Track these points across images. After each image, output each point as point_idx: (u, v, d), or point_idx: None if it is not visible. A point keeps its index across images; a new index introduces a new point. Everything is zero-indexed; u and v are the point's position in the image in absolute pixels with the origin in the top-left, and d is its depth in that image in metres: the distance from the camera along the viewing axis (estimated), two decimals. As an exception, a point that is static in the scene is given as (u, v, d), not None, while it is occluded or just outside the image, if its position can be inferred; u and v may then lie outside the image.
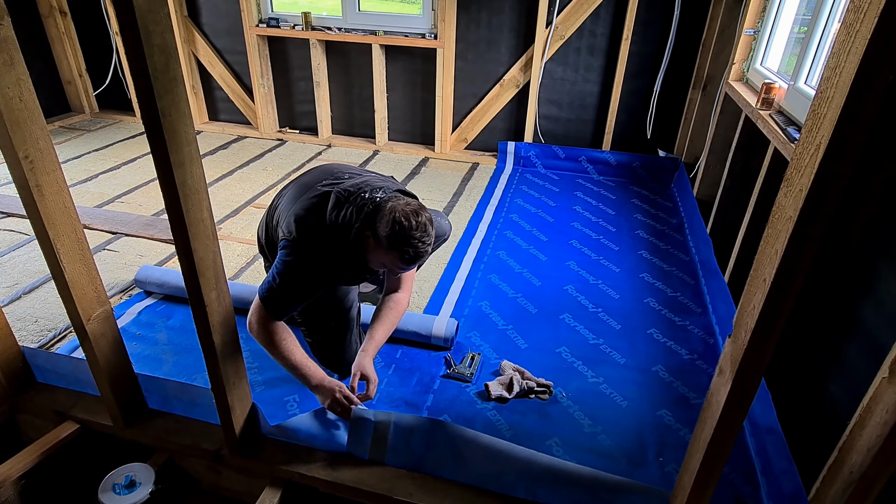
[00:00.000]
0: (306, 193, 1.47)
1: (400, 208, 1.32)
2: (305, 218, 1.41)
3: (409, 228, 1.29)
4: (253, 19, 3.66)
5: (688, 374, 1.81)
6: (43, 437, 1.41)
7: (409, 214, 1.30)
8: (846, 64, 0.66)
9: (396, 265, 1.36)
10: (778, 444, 1.43)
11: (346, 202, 1.40)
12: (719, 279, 2.18)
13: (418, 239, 1.30)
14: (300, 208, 1.43)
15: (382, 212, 1.33)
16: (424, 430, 1.28)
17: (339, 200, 1.41)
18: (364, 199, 1.38)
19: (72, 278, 1.16)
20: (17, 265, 2.32)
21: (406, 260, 1.33)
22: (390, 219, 1.30)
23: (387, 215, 1.31)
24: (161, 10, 0.80)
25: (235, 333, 1.16)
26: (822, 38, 1.93)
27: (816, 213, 0.72)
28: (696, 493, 1.04)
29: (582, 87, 3.45)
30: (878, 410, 0.89)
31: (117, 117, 4.28)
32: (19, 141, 1.01)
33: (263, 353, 1.81)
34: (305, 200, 1.45)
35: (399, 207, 1.32)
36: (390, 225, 1.30)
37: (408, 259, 1.33)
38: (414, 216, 1.31)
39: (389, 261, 1.36)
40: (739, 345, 0.87)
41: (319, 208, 1.42)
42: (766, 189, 1.91)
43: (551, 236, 2.71)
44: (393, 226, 1.29)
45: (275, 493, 1.30)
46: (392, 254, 1.32)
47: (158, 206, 2.89)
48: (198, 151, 0.93)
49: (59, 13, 3.92)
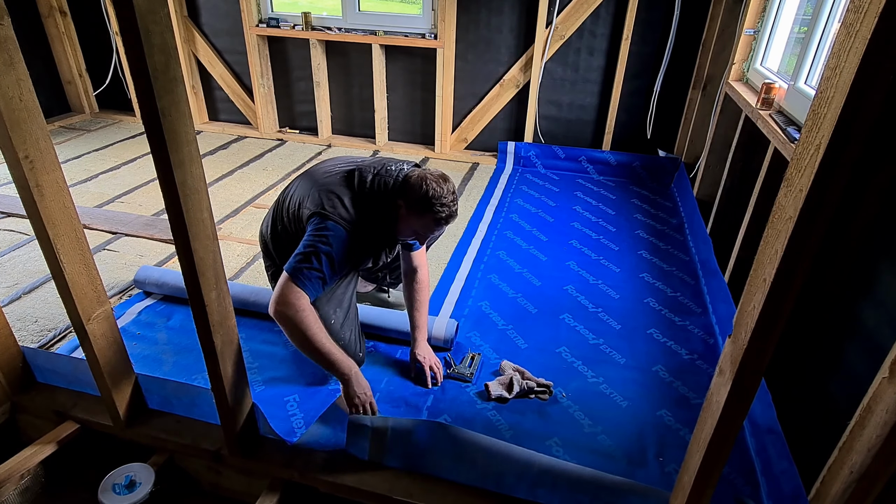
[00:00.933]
0: (325, 176, 1.54)
1: (429, 175, 1.44)
2: (334, 191, 1.48)
3: (441, 191, 1.41)
4: (253, 19, 3.66)
5: (688, 374, 1.81)
6: (43, 437, 1.41)
7: (438, 179, 1.43)
8: (846, 64, 0.66)
9: (430, 228, 1.47)
10: (778, 444, 1.43)
11: (373, 175, 1.50)
12: (719, 279, 2.18)
13: (450, 200, 1.43)
14: (326, 185, 1.50)
15: (411, 181, 1.45)
16: (422, 433, 1.28)
17: (363, 174, 1.50)
18: (391, 170, 1.49)
19: (72, 278, 1.16)
20: (17, 265, 2.32)
21: (440, 220, 1.44)
22: (422, 185, 1.42)
23: (418, 182, 1.43)
24: (161, 10, 0.80)
25: (235, 333, 1.16)
26: (822, 38, 1.93)
27: (816, 213, 0.72)
28: (696, 493, 1.04)
29: (582, 87, 3.45)
30: (878, 410, 0.89)
31: (117, 117, 4.28)
32: (19, 141, 1.01)
33: (263, 353, 1.83)
34: (329, 178, 1.52)
35: (427, 175, 1.44)
36: (423, 190, 1.41)
37: (442, 218, 1.44)
38: (443, 180, 1.44)
39: (422, 225, 1.46)
40: (739, 345, 0.87)
41: (347, 182, 1.50)
42: (766, 189, 1.91)
43: (551, 236, 2.71)
44: (427, 190, 1.41)
45: (275, 493, 1.30)
46: (426, 217, 1.43)
47: (158, 206, 2.89)
48: (198, 151, 0.93)
49: (59, 13, 3.92)
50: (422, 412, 1.62)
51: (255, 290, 2.01)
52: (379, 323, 1.89)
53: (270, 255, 1.73)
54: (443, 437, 1.27)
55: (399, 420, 1.31)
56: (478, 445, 1.25)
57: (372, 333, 1.91)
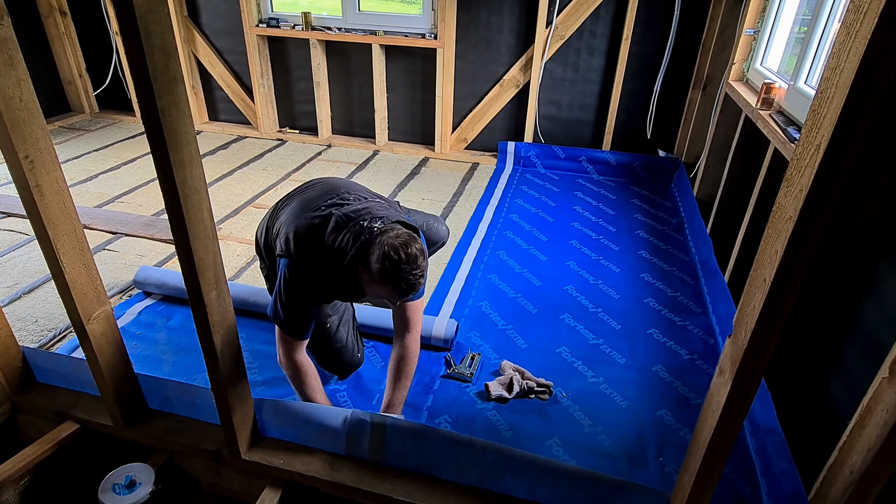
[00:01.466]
0: (308, 211, 1.48)
1: (390, 241, 1.31)
2: (304, 236, 1.43)
3: (400, 262, 1.29)
4: (253, 19, 3.66)
5: (688, 374, 1.81)
6: (43, 437, 1.41)
7: (398, 248, 1.30)
8: (846, 64, 0.66)
9: (393, 297, 1.37)
10: (778, 444, 1.43)
11: (345, 227, 1.40)
12: (719, 279, 2.18)
13: (409, 272, 1.30)
14: (300, 226, 1.45)
15: (374, 245, 1.33)
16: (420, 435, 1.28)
17: (338, 224, 1.42)
18: (362, 227, 1.39)
19: (72, 278, 1.16)
20: (17, 265, 2.32)
21: (401, 292, 1.33)
22: (381, 253, 1.30)
23: (377, 249, 1.31)
24: (161, 10, 0.80)
25: (235, 333, 1.16)
26: (822, 38, 1.93)
27: (816, 213, 0.72)
28: (696, 493, 1.04)
29: (582, 87, 3.45)
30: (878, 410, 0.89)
31: (117, 117, 4.28)
32: (19, 141, 1.01)
33: (263, 353, 1.83)
34: (307, 219, 1.46)
35: (389, 241, 1.31)
36: (381, 259, 1.30)
37: (402, 290, 1.32)
38: (404, 248, 1.30)
39: (386, 293, 1.36)
40: (739, 345, 0.87)
41: (319, 229, 1.43)
42: (766, 189, 1.91)
43: (551, 236, 2.71)
44: (384, 261, 1.29)
45: (275, 493, 1.30)
46: (387, 286, 1.33)
47: (158, 206, 2.89)
48: (198, 151, 0.93)
49: (59, 13, 3.92)
50: (422, 412, 1.62)
51: (255, 290, 2.01)
52: (378, 323, 1.89)
53: (263, 258, 1.74)
54: (439, 441, 1.27)
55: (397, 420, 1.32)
56: (475, 449, 1.25)
57: (371, 334, 1.91)
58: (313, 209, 1.48)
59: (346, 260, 1.37)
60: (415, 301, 1.55)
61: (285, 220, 1.51)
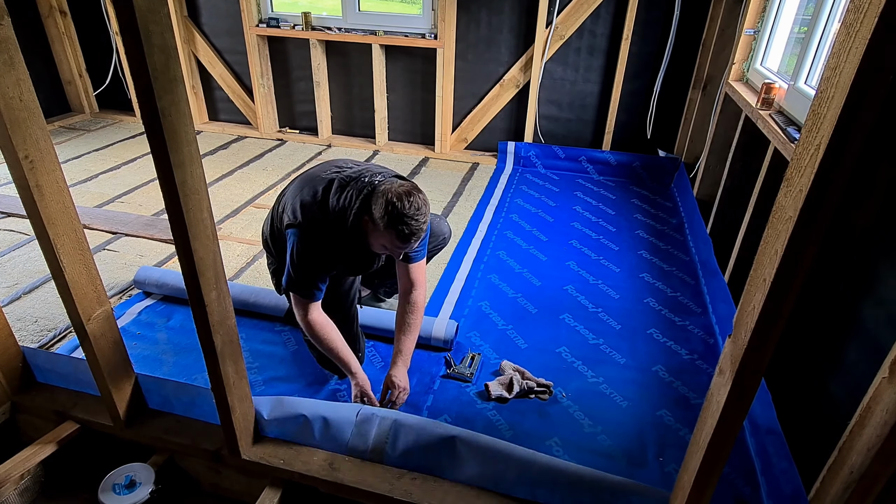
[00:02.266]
0: (312, 181, 1.53)
1: (394, 189, 1.37)
2: (310, 202, 1.48)
3: (403, 206, 1.34)
4: (253, 19, 3.66)
5: (688, 374, 1.81)
6: (43, 437, 1.41)
7: (401, 194, 1.35)
8: (846, 64, 0.66)
9: (395, 244, 1.40)
10: (778, 444, 1.43)
11: (348, 186, 1.47)
12: (719, 279, 2.18)
13: (412, 216, 1.34)
14: (306, 194, 1.50)
15: (377, 194, 1.39)
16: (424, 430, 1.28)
17: (341, 185, 1.48)
18: (363, 182, 1.45)
19: (72, 278, 1.16)
20: (17, 265, 2.32)
21: (403, 237, 1.37)
22: (384, 200, 1.35)
23: (381, 197, 1.37)
24: (161, 10, 0.80)
25: (235, 333, 1.16)
26: (822, 38, 1.93)
27: (816, 213, 0.72)
28: (696, 493, 1.04)
29: (582, 87, 3.45)
30: (878, 410, 0.89)
31: (117, 117, 4.28)
32: (19, 141, 1.01)
33: (263, 353, 1.83)
34: (310, 187, 1.51)
35: (393, 189, 1.37)
36: (384, 205, 1.35)
37: (405, 236, 1.36)
38: (406, 196, 1.35)
39: (388, 241, 1.40)
40: (739, 345, 0.87)
41: (324, 193, 1.48)
42: (766, 189, 1.91)
43: (551, 236, 2.71)
44: (387, 206, 1.34)
45: (275, 493, 1.30)
46: (389, 233, 1.37)
47: (158, 206, 2.89)
48: (198, 151, 0.93)
49: (59, 13, 3.92)
50: (422, 412, 1.62)
51: (255, 290, 2.01)
52: (377, 324, 1.90)
53: (271, 252, 1.75)
54: (444, 435, 1.27)
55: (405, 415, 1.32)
56: (478, 445, 1.25)
57: (371, 334, 1.91)
58: (315, 179, 1.53)
59: (351, 213, 1.42)
60: (418, 262, 1.61)
61: (290, 196, 1.56)
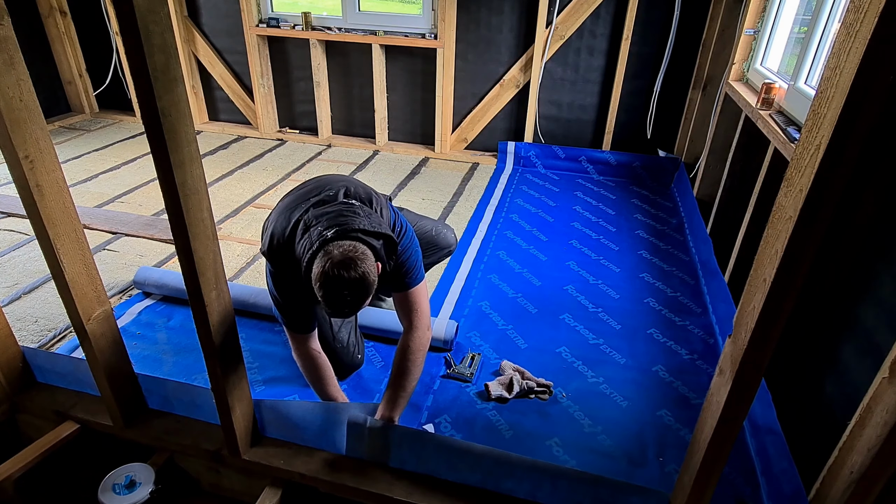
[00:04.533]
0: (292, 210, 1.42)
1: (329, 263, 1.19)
2: (279, 240, 1.39)
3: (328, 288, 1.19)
4: (253, 19, 3.66)
5: (688, 374, 1.81)
6: (43, 437, 1.41)
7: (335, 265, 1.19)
8: (846, 64, 0.66)
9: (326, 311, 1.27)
10: (778, 444, 1.43)
11: (306, 232, 1.31)
12: (719, 279, 2.18)
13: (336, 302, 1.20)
14: (278, 227, 1.41)
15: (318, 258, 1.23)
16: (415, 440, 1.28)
17: (305, 227, 1.33)
18: (318, 233, 1.27)
19: (72, 278, 1.16)
20: (17, 265, 2.32)
21: (328, 314, 1.27)
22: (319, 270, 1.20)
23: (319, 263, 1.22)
24: (161, 10, 0.80)
25: (235, 333, 1.16)
26: (822, 38, 1.93)
27: (816, 213, 0.72)
28: (696, 493, 1.04)
29: (582, 87, 3.45)
30: (878, 410, 0.89)
31: (117, 117, 4.28)
32: (19, 141, 1.01)
33: (263, 353, 1.83)
34: (286, 219, 1.41)
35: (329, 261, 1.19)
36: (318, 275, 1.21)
37: (328, 314, 1.26)
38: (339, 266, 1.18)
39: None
40: (739, 345, 0.87)
41: (291, 231, 1.37)
42: (766, 189, 1.91)
43: (551, 236, 2.71)
44: (318, 279, 1.21)
45: (275, 493, 1.30)
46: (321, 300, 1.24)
47: (158, 206, 2.89)
48: (198, 151, 0.93)
49: (59, 13, 3.92)
50: (422, 412, 1.62)
51: (255, 290, 2.01)
52: (378, 325, 1.90)
53: None
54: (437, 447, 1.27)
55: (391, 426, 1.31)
56: (473, 455, 1.25)
57: (371, 335, 1.91)
58: (296, 208, 1.41)
59: (304, 264, 1.27)
60: (413, 288, 1.47)
61: (273, 217, 1.47)
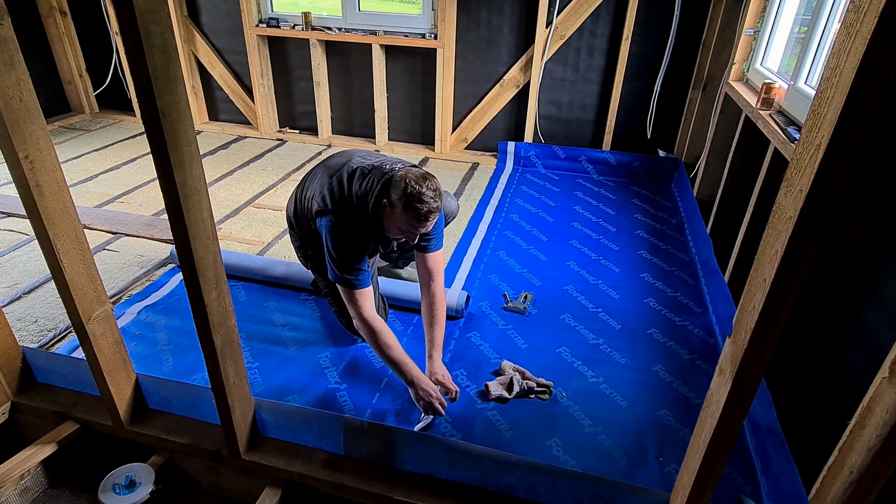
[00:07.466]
0: (337, 171, 1.66)
1: (411, 174, 1.50)
2: (337, 190, 1.61)
3: (420, 189, 1.47)
4: (253, 19, 3.66)
5: (688, 374, 1.81)
6: (43, 437, 1.41)
7: (419, 178, 1.49)
8: (846, 64, 0.66)
9: (413, 225, 1.51)
10: (778, 444, 1.43)
11: (370, 174, 1.61)
12: (719, 279, 2.18)
13: (430, 198, 1.47)
14: (333, 183, 1.63)
15: (393, 180, 1.52)
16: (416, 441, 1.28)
17: (363, 173, 1.62)
18: (384, 170, 1.60)
19: (72, 278, 1.16)
20: (17, 265, 2.32)
21: (420, 217, 1.48)
22: (402, 185, 1.48)
23: (399, 181, 1.50)
24: (161, 10, 0.80)
25: (235, 333, 1.16)
26: (822, 38, 1.93)
27: (816, 213, 0.71)
28: (696, 493, 1.04)
29: (582, 87, 3.45)
30: (878, 410, 0.89)
31: (117, 117, 4.28)
32: (19, 141, 1.01)
33: (263, 352, 1.83)
34: (337, 177, 1.64)
35: (410, 174, 1.51)
36: (403, 188, 1.48)
37: (422, 216, 1.48)
38: (423, 179, 1.49)
39: (405, 222, 1.51)
40: (739, 345, 0.87)
41: (348, 182, 1.62)
42: (766, 189, 1.91)
43: (551, 236, 2.71)
44: (405, 188, 1.47)
45: (275, 493, 1.30)
46: (407, 214, 1.48)
47: (158, 206, 2.89)
48: (198, 151, 0.93)
49: (59, 13, 3.92)
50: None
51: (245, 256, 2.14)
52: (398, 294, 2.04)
53: (295, 230, 1.87)
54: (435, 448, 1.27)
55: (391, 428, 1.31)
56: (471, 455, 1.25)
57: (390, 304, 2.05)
58: (339, 169, 1.66)
59: (372, 197, 1.55)
60: (435, 252, 1.73)
61: (318, 185, 1.68)
